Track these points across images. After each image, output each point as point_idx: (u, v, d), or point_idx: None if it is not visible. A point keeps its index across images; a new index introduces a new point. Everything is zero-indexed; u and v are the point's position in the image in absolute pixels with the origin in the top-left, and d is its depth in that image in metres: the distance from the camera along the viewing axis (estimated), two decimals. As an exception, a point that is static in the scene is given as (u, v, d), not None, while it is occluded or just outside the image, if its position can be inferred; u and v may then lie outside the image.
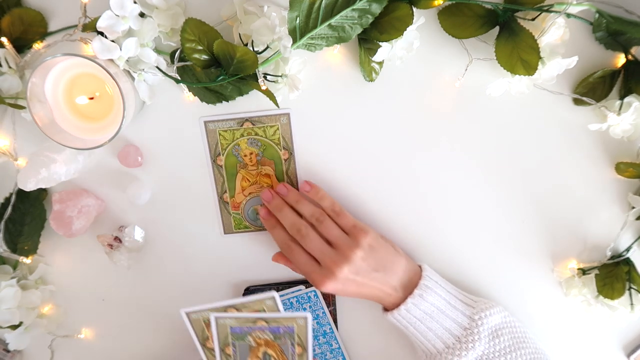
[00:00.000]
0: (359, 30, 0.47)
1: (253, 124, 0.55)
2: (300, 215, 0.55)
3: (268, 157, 0.57)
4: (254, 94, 0.54)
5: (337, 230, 0.53)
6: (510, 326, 0.55)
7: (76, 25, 0.50)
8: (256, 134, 0.55)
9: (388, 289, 0.53)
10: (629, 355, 0.61)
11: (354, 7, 0.46)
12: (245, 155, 0.56)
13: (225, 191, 0.58)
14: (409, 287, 0.54)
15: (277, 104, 0.51)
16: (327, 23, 0.46)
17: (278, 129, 0.55)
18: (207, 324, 0.51)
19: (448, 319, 0.53)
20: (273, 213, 0.55)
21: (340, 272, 0.51)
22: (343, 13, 0.46)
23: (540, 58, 0.47)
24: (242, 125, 0.55)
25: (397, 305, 0.54)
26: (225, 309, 0.50)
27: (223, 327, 0.51)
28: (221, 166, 0.57)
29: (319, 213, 0.54)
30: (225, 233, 0.60)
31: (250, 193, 0.58)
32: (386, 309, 0.56)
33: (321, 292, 0.60)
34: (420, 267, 0.56)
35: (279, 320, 0.50)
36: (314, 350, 0.61)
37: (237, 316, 0.50)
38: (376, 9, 0.46)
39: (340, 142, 0.57)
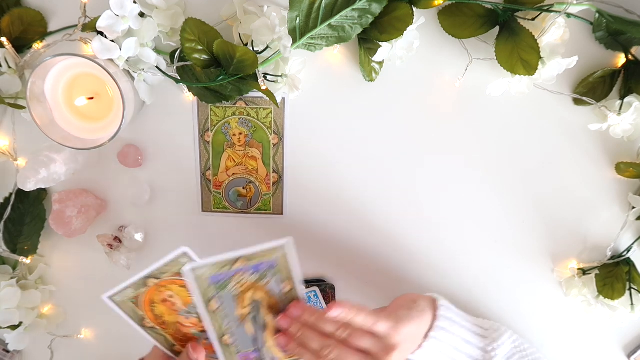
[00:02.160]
0: (359, 30, 0.47)
1: (246, 104, 0.55)
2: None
3: (257, 139, 0.56)
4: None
5: (368, 339, 0.48)
6: (520, 350, 0.54)
7: (76, 25, 0.50)
8: (248, 115, 0.55)
9: (415, 347, 0.51)
10: (629, 355, 0.61)
11: (354, 7, 0.46)
12: (234, 135, 0.56)
13: (209, 168, 0.57)
14: (426, 332, 0.51)
15: (277, 104, 0.51)
16: (327, 23, 0.46)
17: (271, 112, 0.55)
18: (136, 302, 0.47)
19: (463, 355, 0.52)
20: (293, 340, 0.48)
21: None
22: (343, 13, 0.46)
23: (540, 58, 0.47)
24: (235, 104, 0.55)
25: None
26: (143, 281, 0.46)
27: (201, 280, 0.45)
28: (208, 142, 0.56)
29: (341, 325, 0.47)
30: (203, 211, 0.59)
31: (234, 174, 0.57)
32: None
33: (321, 294, 0.60)
34: (435, 301, 0.53)
35: (257, 255, 0.45)
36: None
37: (214, 261, 0.45)
38: (376, 9, 0.46)
39: (335, 138, 0.56)
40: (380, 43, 0.48)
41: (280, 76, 0.50)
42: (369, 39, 0.49)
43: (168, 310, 0.48)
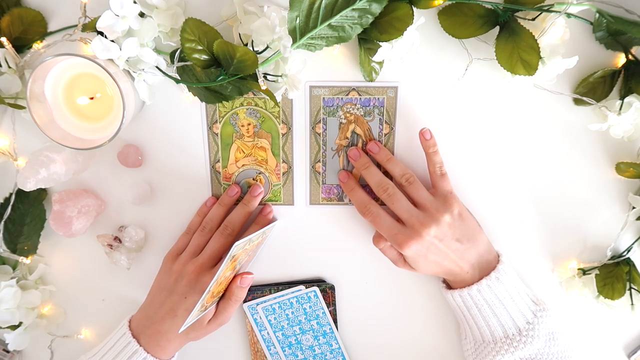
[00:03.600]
0: (359, 30, 0.47)
1: (254, 94, 0.55)
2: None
3: (266, 129, 0.56)
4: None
5: (427, 192, 0.52)
6: (564, 332, 0.54)
7: (76, 25, 0.50)
8: (256, 105, 0.55)
9: (465, 264, 0.52)
10: (629, 355, 0.61)
11: (354, 7, 0.46)
12: (242, 126, 0.56)
13: (218, 160, 0.57)
14: (485, 268, 0.53)
15: (277, 104, 0.51)
16: (327, 23, 0.46)
17: (279, 101, 0.55)
18: (202, 305, 0.50)
19: (516, 308, 0.52)
20: (357, 172, 0.54)
21: (427, 233, 0.49)
22: (343, 13, 0.46)
23: (540, 58, 0.47)
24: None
25: (467, 284, 0.53)
26: (210, 294, 0.49)
27: (316, 99, 0.50)
28: (217, 134, 0.56)
29: (410, 174, 0.53)
30: None
31: (243, 165, 0.57)
32: (449, 287, 0.55)
33: (321, 294, 0.60)
34: (497, 252, 0.55)
35: (370, 91, 0.50)
36: None
37: (330, 85, 0.51)
38: (376, 8, 0.46)
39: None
40: (380, 43, 0.48)
41: (280, 76, 0.50)
42: (369, 39, 0.49)
43: (219, 286, 0.51)
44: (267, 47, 0.47)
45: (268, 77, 0.50)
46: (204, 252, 0.54)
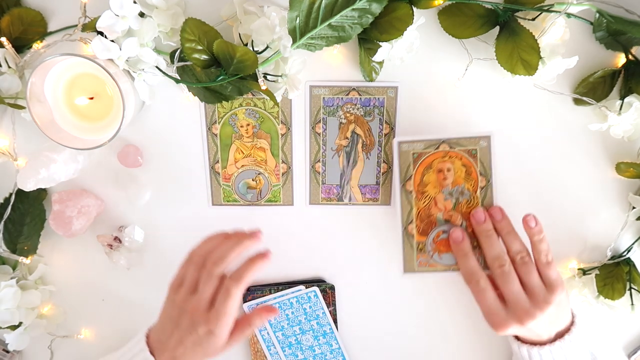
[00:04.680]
0: (359, 30, 0.47)
1: (253, 95, 0.55)
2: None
3: (265, 130, 0.56)
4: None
5: (537, 277, 0.50)
6: None
7: (76, 25, 0.50)
8: (255, 105, 0.55)
9: (544, 335, 0.51)
10: (629, 355, 0.61)
11: (354, 6, 0.46)
12: (241, 126, 0.56)
13: (218, 161, 0.57)
14: (561, 332, 0.52)
15: (277, 103, 0.51)
16: (327, 23, 0.46)
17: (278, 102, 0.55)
18: (416, 158, 0.49)
19: None
20: (474, 236, 0.51)
21: (528, 323, 0.48)
22: (343, 13, 0.46)
23: (540, 58, 0.47)
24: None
25: (539, 342, 0.52)
26: (438, 143, 0.49)
27: (317, 99, 0.51)
28: (216, 135, 0.56)
29: (526, 253, 0.51)
30: (213, 204, 0.59)
31: (243, 165, 0.57)
32: (518, 339, 0.54)
33: (321, 294, 0.60)
34: (572, 312, 0.54)
35: (370, 91, 0.51)
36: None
37: (330, 85, 0.51)
38: (376, 8, 0.46)
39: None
40: (380, 43, 0.48)
41: (280, 76, 0.50)
42: (369, 39, 0.49)
43: (435, 182, 0.51)
44: (267, 47, 0.47)
45: (268, 77, 0.50)
46: (199, 295, 0.49)
